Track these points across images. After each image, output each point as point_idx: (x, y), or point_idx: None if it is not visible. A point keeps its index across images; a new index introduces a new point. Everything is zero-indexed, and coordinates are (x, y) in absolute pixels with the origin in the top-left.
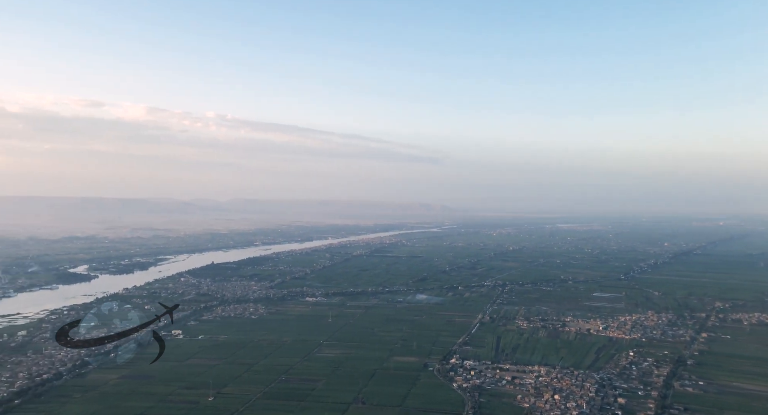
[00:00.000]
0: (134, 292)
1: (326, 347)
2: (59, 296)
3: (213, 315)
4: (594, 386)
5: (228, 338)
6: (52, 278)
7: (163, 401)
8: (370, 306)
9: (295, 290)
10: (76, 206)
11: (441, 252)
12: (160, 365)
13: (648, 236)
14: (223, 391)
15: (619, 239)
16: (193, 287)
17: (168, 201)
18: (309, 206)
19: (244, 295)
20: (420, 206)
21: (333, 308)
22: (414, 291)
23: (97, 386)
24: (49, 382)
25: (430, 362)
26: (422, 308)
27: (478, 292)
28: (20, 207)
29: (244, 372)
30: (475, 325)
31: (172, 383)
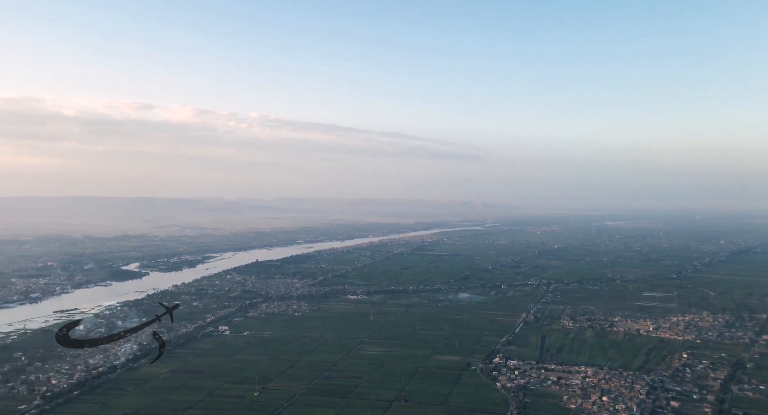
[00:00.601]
0: (183, 289)
1: (368, 345)
2: (113, 293)
3: (258, 312)
4: (644, 388)
5: (272, 335)
6: (106, 275)
7: (210, 396)
8: (412, 304)
9: (337, 288)
10: (128, 206)
11: (483, 250)
12: (208, 360)
13: (702, 233)
14: (268, 386)
15: (670, 237)
16: (239, 284)
17: (214, 200)
18: (350, 205)
19: (288, 292)
20: (461, 204)
21: (374, 306)
22: (456, 290)
23: (148, 380)
24: (105, 375)
25: (473, 361)
26: (464, 306)
27: (522, 291)
28: (77, 207)
29: (288, 368)
30: (519, 324)
31: (219, 377)
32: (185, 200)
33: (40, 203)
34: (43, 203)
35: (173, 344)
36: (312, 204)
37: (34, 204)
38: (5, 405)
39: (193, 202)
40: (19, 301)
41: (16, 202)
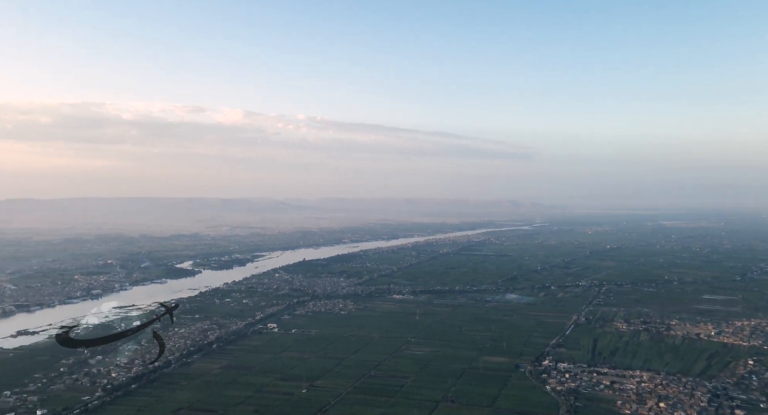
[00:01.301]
0: (233, 287)
1: (414, 345)
2: (168, 290)
3: (305, 310)
4: (706, 395)
5: (319, 333)
6: (161, 272)
7: (260, 392)
8: (458, 305)
9: (383, 287)
10: (182, 206)
11: (532, 250)
12: (257, 356)
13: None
14: (316, 383)
15: (733, 237)
16: (287, 283)
17: (263, 200)
18: (395, 204)
19: (334, 291)
20: (509, 203)
21: (420, 306)
22: (503, 290)
23: (201, 375)
24: (160, 369)
25: (522, 362)
26: (512, 307)
27: (573, 292)
28: (134, 207)
29: (335, 366)
30: (570, 326)
31: (268, 374)
32: (235, 200)
33: (101, 204)
34: (103, 204)
35: (224, 340)
36: (357, 204)
37: (95, 204)
38: (70, 396)
39: (243, 202)
40: (82, 297)
41: (78, 203)
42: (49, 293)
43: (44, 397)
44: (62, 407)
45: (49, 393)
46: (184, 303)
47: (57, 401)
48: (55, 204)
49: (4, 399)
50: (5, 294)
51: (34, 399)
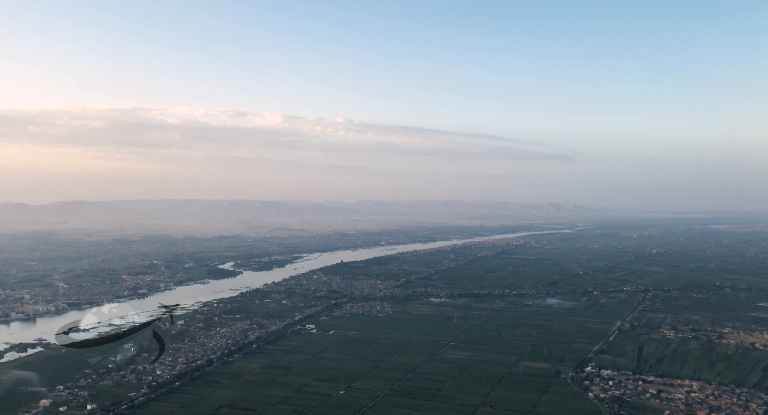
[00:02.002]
0: (273, 287)
1: (452, 348)
2: (210, 290)
3: (342, 311)
4: (762, 407)
5: (357, 334)
6: (204, 273)
7: (299, 392)
8: (497, 309)
9: (420, 290)
10: (224, 208)
11: (573, 254)
12: (296, 357)
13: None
14: (354, 385)
15: None
16: (325, 284)
17: (302, 203)
18: (433, 207)
19: (371, 293)
20: (550, 206)
21: (458, 310)
22: (544, 295)
23: (241, 374)
24: (202, 368)
25: (563, 369)
26: (553, 312)
27: (617, 297)
28: (179, 209)
29: (373, 368)
30: (613, 332)
31: (306, 374)
32: (275, 203)
33: (147, 206)
34: (150, 206)
35: (264, 340)
36: (395, 206)
37: (142, 206)
38: (117, 392)
39: (282, 204)
40: (129, 296)
41: (126, 205)
42: (98, 292)
43: (94, 392)
44: (110, 402)
45: (98, 389)
46: (226, 303)
47: (105, 396)
48: (105, 206)
49: (57, 393)
50: (58, 293)
51: (84, 394)
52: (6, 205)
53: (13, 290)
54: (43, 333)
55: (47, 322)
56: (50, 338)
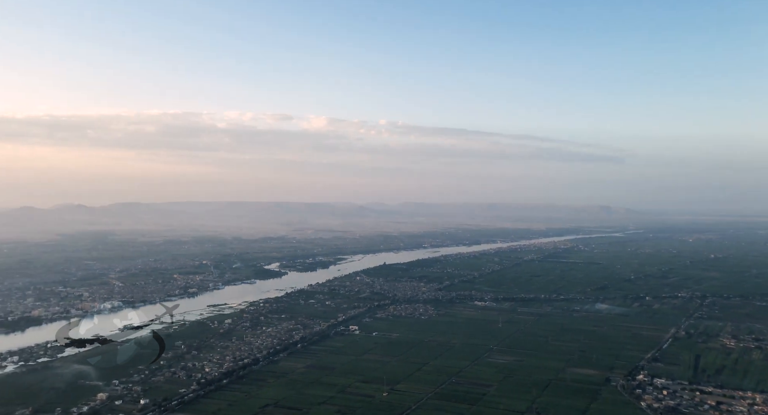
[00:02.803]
0: (317, 288)
1: (496, 353)
2: (256, 290)
3: (385, 313)
4: None
5: (400, 337)
6: (251, 273)
7: (342, 392)
8: (543, 314)
9: (464, 293)
10: (269, 210)
11: (624, 259)
12: (339, 357)
13: None
14: (397, 387)
15: None
16: (368, 286)
17: (345, 205)
18: (477, 209)
19: (414, 295)
20: (599, 209)
21: (503, 314)
22: (592, 300)
23: (286, 373)
24: (249, 366)
25: (613, 376)
26: (602, 318)
27: (671, 304)
28: (227, 211)
29: (416, 371)
30: (667, 340)
31: (350, 375)
32: (319, 204)
33: (197, 208)
34: (199, 208)
35: (308, 340)
36: (438, 208)
37: (192, 208)
38: (168, 388)
39: (326, 206)
40: (180, 295)
41: (178, 207)
42: (151, 291)
43: (146, 387)
44: (162, 397)
45: (151, 384)
46: (272, 303)
47: (157, 391)
48: (158, 208)
49: (113, 388)
50: (114, 291)
51: (138, 389)
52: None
53: (73, 287)
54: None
55: (104, 319)
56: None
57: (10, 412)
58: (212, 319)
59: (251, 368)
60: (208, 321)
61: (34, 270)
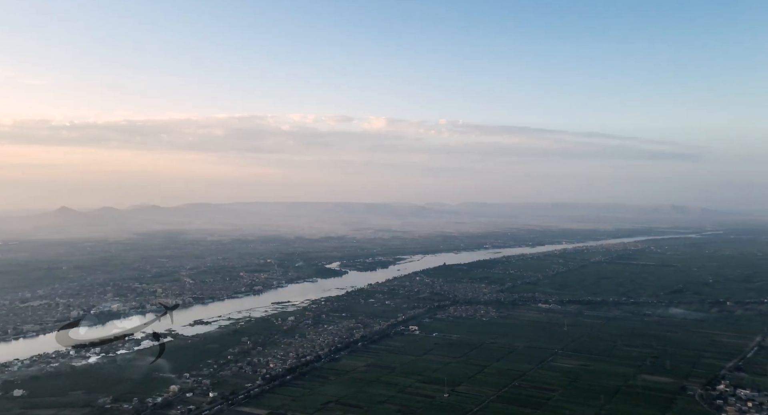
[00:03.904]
0: (377, 288)
1: (561, 357)
2: (318, 288)
3: (445, 314)
4: None
5: (460, 338)
6: (312, 272)
7: (403, 392)
8: (612, 317)
9: (527, 295)
10: (330, 210)
11: (701, 261)
12: (399, 357)
13: None
14: (458, 389)
15: None
16: (427, 286)
17: (405, 205)
18: (541, 210)
19: (475, 297)
20: (672, 209)
21: (568, 317)
22: (666, 304)
23: (347, 372)
24: (311, 363)
25: (690, 385)
26: (677, 323)
27: (755, 310)
28: (290, 211)
29: (477, 373)
30: (752, 348)
31: (410, 375)
32: (378, 205)
33: (262, 208)
34: (264, 208)
35: (368, 339)
36: (500, 208)
37: (257, 208)
38: (235, 382)
39: (385, 206)
40: (246, 292)
41: (244, 207)
42: (219, 288)
43: (215, 381)
44: (229, 391)
45: (219, 378)
46: (333, 301)
47: (225, 385)
48: (226, 208)
49: (183, 380)
50: (185, 288)
51: (207, 382)
52: (142, 207)
53: (148, 284)
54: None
55: (176, 315)
56: (179, 329)
57: (93, 399)
58: (276, 316)
59: (313, 365)
60: (272, 318)
61: (114, 267)
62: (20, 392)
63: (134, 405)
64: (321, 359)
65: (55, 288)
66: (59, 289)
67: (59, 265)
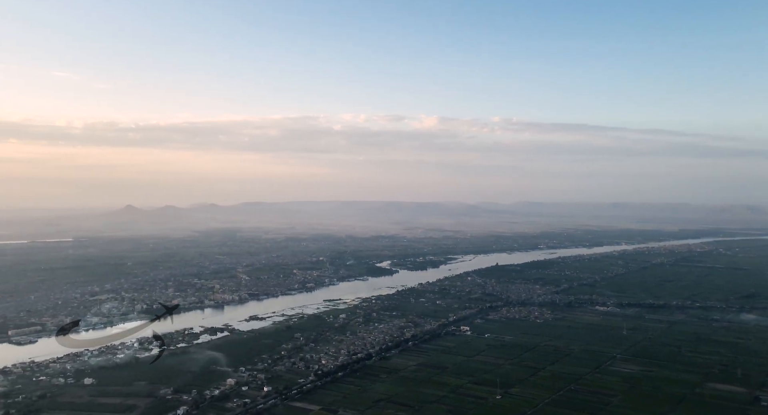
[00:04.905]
0: (427, 287)
1: (620, 362)
2: (369, 287)
3: (498, 315)
4: None
5: (513, 340)
6: (363, 270)
7: (454, 393)
8: (676, 322)
9: (583, 297)
10: (381, 209)
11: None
12: (450, 357)
13: None
14: (510, 391)
15: None
16: (479, 287)
17: (456, 204)
18: (598, 209)
19: (529, 298)
20: (744, 209)
21: (628, 320)
22: (736, 309)
23: (398, 370)
24: (362, 361)
25: (764, 395)
26: (749, 329)
27: None
28: (341, 210)
29: (530, 376)
30: None
31: (462, 376)
32: (429, 204)
33: (314, 207)
34: (316, 207)
35: (419, 339)
36: (555, 208)
37: (310, 207)
38: (289, 377)
39: (436, 206)
40: (299, 289)
41: (297, 206)
42: (273, 284)
43: (269, 375)
44: (283, 386)
45: (273, 373)
46: (383, 300)
47: (279, 380)
48: (280, 207)
49: (240, 374)
50: (241, 284)
51: (261, 376)
52: (201, 205)
53: (206, 280)
54: (229, 319)
55: (232, 310)
56: (235, 324)
57: (155, 390)
58: (328, 313)
59: (364, 362)
60: (324, 315)
61: (174, 263)
62: (90, 381)
63: (193, 397)
64: (372, 357)
65: (121, 283)
66: (125, 283)
67: (125, 261)
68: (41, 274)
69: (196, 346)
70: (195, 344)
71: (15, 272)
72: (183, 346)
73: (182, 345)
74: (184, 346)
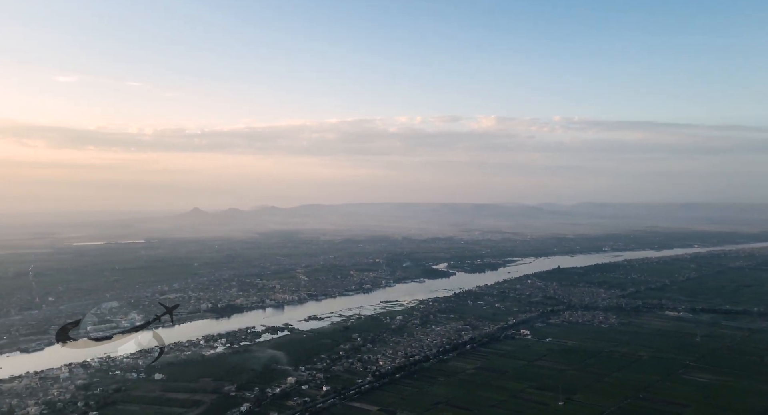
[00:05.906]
0: (485, 290)
1: (694, 370)
2: (425, 289)
3: (560, 319)
4: None
5: (576, 345)
6: (419, 272)
7: (514, 397)
8: (757, 329)
9: (652, 302)
10: (437, 211)
11: None
12: (510, 361)
13: None
14: (573, 397)
15: None
16: (540, 290)
17: (515, 206)
18: (668, 210)
19: (592, 302)
20: None
21: (701, 327)
22: None
23: (456, 373)
24: (419, 363)
25: None
26: None
27: None
28: (397, 212)
29: (595, 382)
30: None
31: (522, 381)
32: (487, 205)
33: (371, 209)
34: (373, 209)
35: (477, 342)
36: (621, 209)
37: (366, 209)
38: (347, 377)
39: (495, 207)
40: (355, 290)
41: (354, 208)
42: (331, 285)
43: (328, 375)
44: (341, 386)
45: (332, 372)
46: (440, 302)
47: (337, 380)
48: (337, 209)
49: (299, 373)
50: (300, 284)
51: (320, 376)
52: (262, 208)
53: (267, 280)
54: (289, 319)
55: (292, 309)
56: (295, 324)
57: (220, 386)
58: (385, 314)
59: (422, 364)
60: (380, 316)
61: (237, 264)
62: (160, 376)
63: (255, 394)
64: (429, 359)
65: (188, 282)
66: (191, 283)
67: (191, 261)
68: (116, 274)
69: (258, 344)
70: (257, 342)
71: (92, 272)
72: (246, 344)
73: (245, 343)
74: (247, 344)
